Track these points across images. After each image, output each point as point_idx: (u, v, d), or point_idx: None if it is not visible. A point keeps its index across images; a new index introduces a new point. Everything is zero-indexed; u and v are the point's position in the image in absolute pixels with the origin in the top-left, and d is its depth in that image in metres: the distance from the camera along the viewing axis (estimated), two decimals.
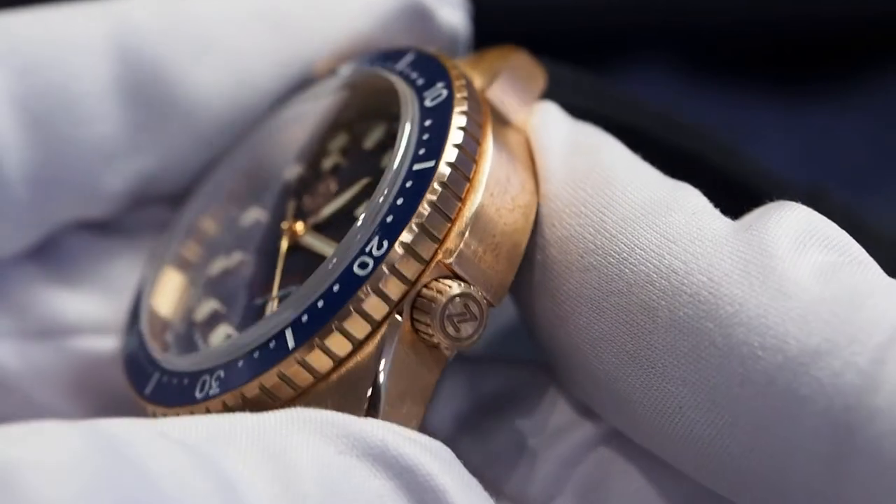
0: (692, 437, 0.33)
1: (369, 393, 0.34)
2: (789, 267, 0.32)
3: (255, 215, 0.41)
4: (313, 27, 0.41)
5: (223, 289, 0.40)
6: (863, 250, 0.34)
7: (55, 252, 0.42)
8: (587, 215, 0.35)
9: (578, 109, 0.39)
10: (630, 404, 0.35)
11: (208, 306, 0.40)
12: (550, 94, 0.39)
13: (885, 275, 0.33)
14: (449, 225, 0.34)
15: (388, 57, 0.39)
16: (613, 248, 0.35)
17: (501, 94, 0.37)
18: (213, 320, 0.39)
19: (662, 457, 0.35)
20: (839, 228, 0.34)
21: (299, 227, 0.38)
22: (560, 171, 0.36)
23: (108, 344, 0.41)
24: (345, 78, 0.40)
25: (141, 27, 0.40)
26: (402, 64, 0.38)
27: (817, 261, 0.33)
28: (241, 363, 0.35)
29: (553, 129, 0.37)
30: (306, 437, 0.32)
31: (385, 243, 0.34)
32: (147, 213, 0.43)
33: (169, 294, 0.40)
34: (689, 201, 0.35)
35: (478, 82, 0.37)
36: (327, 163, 0.40)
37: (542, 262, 0.36)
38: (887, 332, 0.31)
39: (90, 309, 0.41)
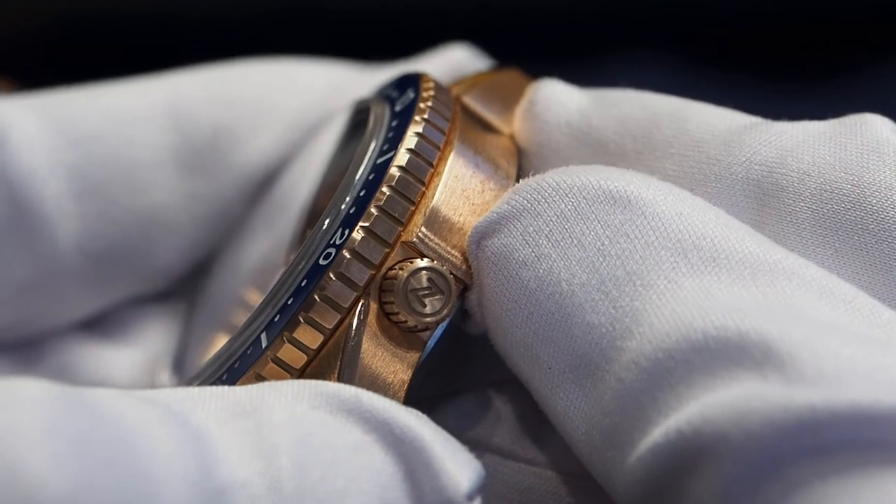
0: None
1: (338, 377, 0.33)
2: None
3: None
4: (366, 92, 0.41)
5: None
6: None
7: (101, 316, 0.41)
8: (686, 154, 0.35)
9: None
10: None
11: None
12: None
13: None
14: (412, 208, 0.34)
15: (383, 86, 0.39)
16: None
17: (480, 98, 0.37)
18: None
19: None
20: None
21: None
22: (612, 127, 0.35)
23: None
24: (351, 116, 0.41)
25: (197, 96, 0.40)
26: (388, 87, 0.38)
27: None
28: (224, 376, 0.35)
29: (567, 96, 0.36)
30: (279, 397, 0.31)
31: (346, 231, 0.34)
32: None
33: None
34: (761, 119, 0.35)
35: (456, 90, 0.37)
36: None
37: None
38: None
39: (136, 373, 0.41)
